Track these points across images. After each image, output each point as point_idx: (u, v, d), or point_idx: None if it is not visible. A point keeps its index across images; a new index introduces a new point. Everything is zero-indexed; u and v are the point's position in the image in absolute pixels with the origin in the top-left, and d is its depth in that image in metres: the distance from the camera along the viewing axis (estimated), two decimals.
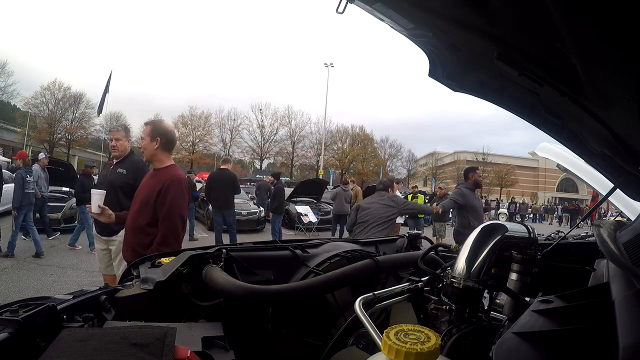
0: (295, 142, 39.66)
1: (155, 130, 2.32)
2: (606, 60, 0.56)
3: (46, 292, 4.35)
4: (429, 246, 1.21)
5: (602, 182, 1.65)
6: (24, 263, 5.60)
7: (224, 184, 6.75)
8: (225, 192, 6.74)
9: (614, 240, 0.83)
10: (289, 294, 0.99)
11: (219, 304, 1.04)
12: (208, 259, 1.09)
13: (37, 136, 33.39)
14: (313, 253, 1.34)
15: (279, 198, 8.34)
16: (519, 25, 0.64)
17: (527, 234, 0.95)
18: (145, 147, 2.31)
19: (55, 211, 8.36)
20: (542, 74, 0.72)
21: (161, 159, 2.33)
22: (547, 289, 0.82)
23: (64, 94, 34.91)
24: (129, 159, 2.91)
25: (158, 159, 2.33)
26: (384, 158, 42.85)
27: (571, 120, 0.94)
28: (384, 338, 0.48)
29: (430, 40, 0.91)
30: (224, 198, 6.76)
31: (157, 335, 0.59)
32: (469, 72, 1.00)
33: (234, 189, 6.84)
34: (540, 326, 0.57)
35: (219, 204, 6.83)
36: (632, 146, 0.81)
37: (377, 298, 0.83)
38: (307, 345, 1.15)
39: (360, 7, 0.80)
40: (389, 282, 1.34)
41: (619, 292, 0.56)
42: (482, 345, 0.73)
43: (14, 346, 0.65)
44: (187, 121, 38.85)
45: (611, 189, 1.17)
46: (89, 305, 0.90)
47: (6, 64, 31.80)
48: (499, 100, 1.05)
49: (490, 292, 0.90)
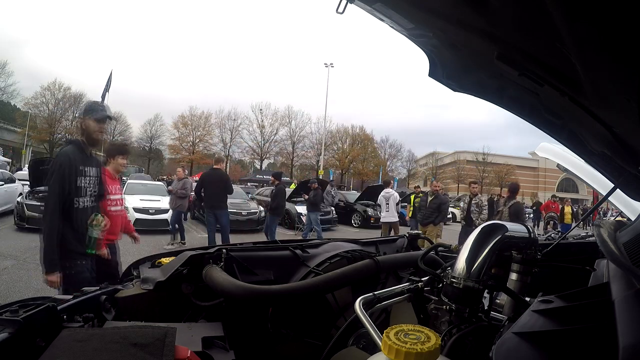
0: (296, 142, 39.69)
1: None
2: (606, 60, 0.56)
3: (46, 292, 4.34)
4: (429, 246, 1.21)
5: (602, 182, 1.65)
6: (24, 263, 5.60)
7: (217, 183, 6.75)
8: (218, 191, 6.74)
9: (614, 240, 0.83)
10: (289, 294, 0.99)
11: (219, 304, 1.04)
12: (208, 259, 1.09)
13: (37, 136, 33.44)
14: (313, 253, 1.34)
15: (279, 199, 8.32)
16: (519, 25, 0.64)
17: (527, 234, 0.95)
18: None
19: None
20: (542, 74, 0.72)
21: None
22: (547, 289, 0.82)
23: (64, 94, 34.98)
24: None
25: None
26: (384, 158, 42.88)
27: (571, 120, 0.94)
28: (384, 338, 0.48)
29: (430, 40, 0.91)
30: (216, 198, 6.76)
31: (157, 335, 0.59)
32: (469, 72, 0.99)
33: (225, 189, 6.84)
34: (540, 326, 0.57)
35: (211, 203, 6.83)
36: (632, 146, 0.81)
37: (377, 298, 0.83)
38: (307, 345, 1.15)
39: (360, 7, 0.80)
40: (389, 282, 1.34)
41: (619, 292, 0.56)
42: (482, 345, 0.73)
43: (14, 346, 0.65)
44: (187, 121, 38.94)
45: (611, 189, 1.17)
46: (89, 305, 0.90)
47: (6, 64, 31.86)
48: (499, 100, 1.05)
49: (490, 292, 0.90)
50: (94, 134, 2.30)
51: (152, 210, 9.50)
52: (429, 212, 7.33)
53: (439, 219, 7.38)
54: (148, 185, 11.92)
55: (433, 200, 7.35)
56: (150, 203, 9.69)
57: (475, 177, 43.15)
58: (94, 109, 2.32)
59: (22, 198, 8.62)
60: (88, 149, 2.31)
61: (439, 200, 7.33)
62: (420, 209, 7.68)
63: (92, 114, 2.29)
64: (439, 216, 7.33)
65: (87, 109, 2.34)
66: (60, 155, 2.19)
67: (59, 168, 2.10)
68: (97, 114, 2.30)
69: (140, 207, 9.43)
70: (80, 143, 2.28)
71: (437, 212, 7.30)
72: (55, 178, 2.09)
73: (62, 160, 2.13)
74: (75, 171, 2.15)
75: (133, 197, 9.94)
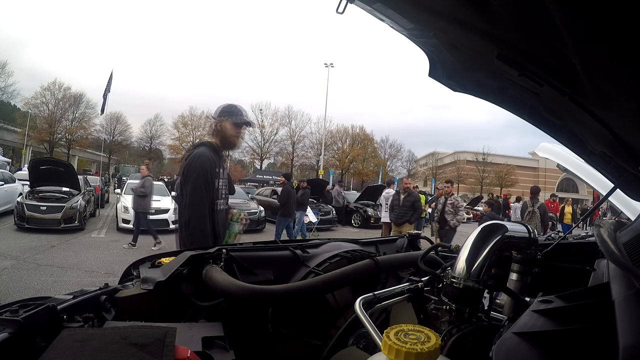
0: (296, 142, 39.71)
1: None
2: (606, 60, 0.56)
3: (46, 292, 4.35)
4: (429, 246, 1.21)
5: (602, 182, 1.65)
6: (24, 263, 5.60)
7: None
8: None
9: (614, 240, 0.83)
10: (289, 294, 0.99)
11: (219, 304, 1.04)
12: (208, 259, 1.09)
13: (37, 136, 33.42)
14: (313, 253, 1.34)
15: (281, 198, 8.27)
16: (519, 25, 0.64)
17: (527, 234, 0.95)
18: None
19: (55, 211, 8.35)
20: (542, 74, 0.72)
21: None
22: (547, 289, 0.82)
23: (64, 94, 34.99)
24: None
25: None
26: (384, 158, 42.89)
27: (571, 120, 0.94)
28: (384, 338, 0.48)
29: (430, 40, 0.91)
30: None
31: (157, 335, 0.59)
32: (469, 72, 0.99)
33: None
34: (540, 326, 0.57)
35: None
36: (632, 146, 0.81)
37: (377, 298, 0.83)
38: (307, 345, 1.15)
39: (360, 7, 0.80)
40: (389, 282, 1.34)
41: (619, 292, 0.56)
42: (482, 345, 0.73)
43: (14, 346, 0.65)
44: (187, 121, 39.03)
45: (611, 189, 1.17)
46: (89, 305, 0.90)
47: (6, 64, 31.85)
48: (499, 100, 1.05)
49: (490, 292, 0.90)
50: (230, 137, 2.20)
51: (152, 210, 9.50)
52: (403, 210, 7.05)
53: (415, 217, 7.14)
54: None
55: (406, 198, 7.07)
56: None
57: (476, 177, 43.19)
58: (233, 112, 2.20)
59: (22, 198, 8.63)
60: (221, 151, 2.22)
61: (412, 198, 7.07)
62: (394, 208, 7.31)
63: (230, 116, 2.18)
64: (414, 214, 7.08)
65: (226, 111, 2.21)
66: (200, 156, 2.06)
67: (200, 169, 2.00)
68: (236, 118, 2.19)
69: None
70: (213, 145, 2.18)
71: (412, 210, 7.05)
72: (199, 177, 1.98)
73: (203, 161, 2.03)
74: (213, 173, 2.06)
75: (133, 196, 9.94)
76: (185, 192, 2.01)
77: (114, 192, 14.33)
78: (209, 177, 2.02)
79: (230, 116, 2.19)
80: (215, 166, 2.08)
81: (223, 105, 2.27)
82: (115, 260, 6.18)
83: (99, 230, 9.41)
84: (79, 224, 8.74)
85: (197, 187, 1.99)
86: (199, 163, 2.02)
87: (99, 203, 12.85)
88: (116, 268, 5.52)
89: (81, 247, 7.06)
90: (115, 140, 40.14)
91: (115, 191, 12.69)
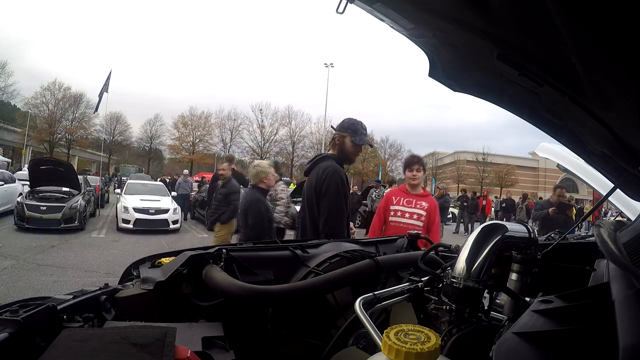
0: (296, 142, 39.70)
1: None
2: (606, 60, 0.56)
3: (46, 292, 4.35)
4: (429, 246, 1.21)
5: (602, 182, 1.65)
6: (24, 263, 5.60)
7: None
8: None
9: (614, 240, 0.83)
10: (289, 294, 0.99)
11: (219, 304, 1.04)
12: (208, 259, 1.09)
13: (37, 136, 33.41)
14: (313, 253, 1.34)
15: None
16: (519, 25, 0.64)
17: (527, 234, 0.95)
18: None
19: (55, 211, 8.36)
20: (542, 74, 0.72)
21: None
22: (547, 289, 0.82)
23: (64, 94, 34.99)
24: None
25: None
26: (384, 158, 42.86)
27: (571, 120, 0.94)
28: (384, 338, 0.48)
29: (430, 40, 0.91)
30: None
31: (157, 335, 0.59)
32: (469, 72, 1.00)
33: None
34: (540, 326, 0.57)
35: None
36: (632, 146, 0.81)
37: (377, 298, 0.83)
38: (307, 345, 1.15)
39: (360, 7, 0.80)
40: (389, 282, 1.34)
41: (619, 292, 0.56)
42: (482, 345, 0.73)
43: (14, 346, 0.65)
44: (187, 121, 38.98)
45: (611, 189, 1.17)
46: (89, 305, 0.90)
47: (6, 64, 31.86)
48: (499, 100, 1.05)
49: (490, 292, 0.90)
50: (350, 155, 2.19)
51: (152, 210, 9.51)
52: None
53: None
54: (148, 185, 11.96)
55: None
56: (150, 203, 9.71)
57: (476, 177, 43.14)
58: (357, 131, 2.19)
59: (22, 198, 8.64)
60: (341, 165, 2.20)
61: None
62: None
63: (353, 135, 2.16)
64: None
65: (351, 127, 2.19)
66: (337, 171, 2.07)
67: (341, 184, 2.01)
68: (359, 139, 2.18)
69: (140, 207, 9.45)
70: (337, 159, 2.16)
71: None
72: (339, 192, 2.00)
73: (341, 176, 2.04)
74: (347, 187, 2.08)
75: (133, 197, 9.96)
76: (325, 206, 2.02)
77: (114, 192, 14.35)
78: (346, 191, 2.06)
79: (354, 135, 2.18)
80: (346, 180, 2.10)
81: (347, 120, 2.24)
82: (115, 260, 6.18)
83: (99, 230, 9.41)
84: (79, 224, 8.75)
85: (338, 201, 2.01)
86: (338, 177, 2.04)
87: (99, 203, 12.86)
88: (116, 268, 5.52)
89: (81, 247, 7.06)
90: (115, 140, 40.10)
91: (116, 191, 12.71)
